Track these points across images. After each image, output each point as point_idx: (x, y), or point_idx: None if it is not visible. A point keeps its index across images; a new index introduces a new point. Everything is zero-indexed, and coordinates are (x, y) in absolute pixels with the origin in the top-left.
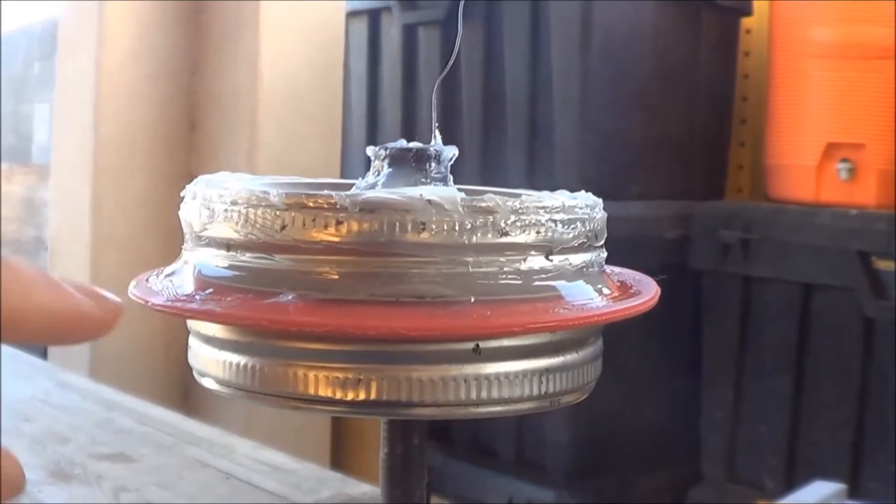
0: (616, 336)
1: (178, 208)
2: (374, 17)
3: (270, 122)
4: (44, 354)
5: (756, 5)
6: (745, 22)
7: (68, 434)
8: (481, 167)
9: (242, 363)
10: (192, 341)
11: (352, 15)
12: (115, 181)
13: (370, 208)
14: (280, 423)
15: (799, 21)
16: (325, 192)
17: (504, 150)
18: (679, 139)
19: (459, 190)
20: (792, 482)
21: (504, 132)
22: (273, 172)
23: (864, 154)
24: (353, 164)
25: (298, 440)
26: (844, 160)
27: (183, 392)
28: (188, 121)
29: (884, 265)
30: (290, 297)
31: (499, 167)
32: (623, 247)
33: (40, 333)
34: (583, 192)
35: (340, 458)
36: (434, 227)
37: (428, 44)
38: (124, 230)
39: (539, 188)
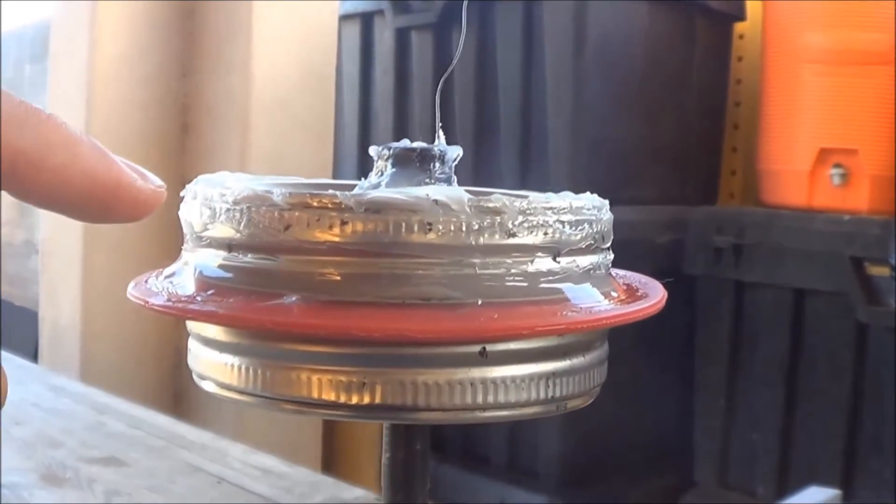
0: (609, 342)
1: (174, 209)
2: (366, 20)
3: (263, 125)
4: (35, 358)
5: (749, 10)
6: (739, 27)
7: (60, 438)
8: (474, 172)
9: (244, 366)
10: (192, 344)
11: (344, 18)
12: None
13: (376, 208)
14: (271, 427)
15: (792, 26)
16: (330, 191)
17: (497, 155)
18: (672, 144)
19: (465, 191)
20: (784, 488)
21: (497, 137)
22: (265, 175)
23: (857, 159)
24: (345, 168)
25: (289, 444)
26: (837, 165)
27: (174, 395)
28: (180, 124)
29: (877, 271)
30: (293, 299)
31: (492, 172)
32: (616, 252)
33: (81, 200)
34: (588, 193)
35: (331, 462)
36: (441, 227)
37: (420, 47)
38: (115, 232)
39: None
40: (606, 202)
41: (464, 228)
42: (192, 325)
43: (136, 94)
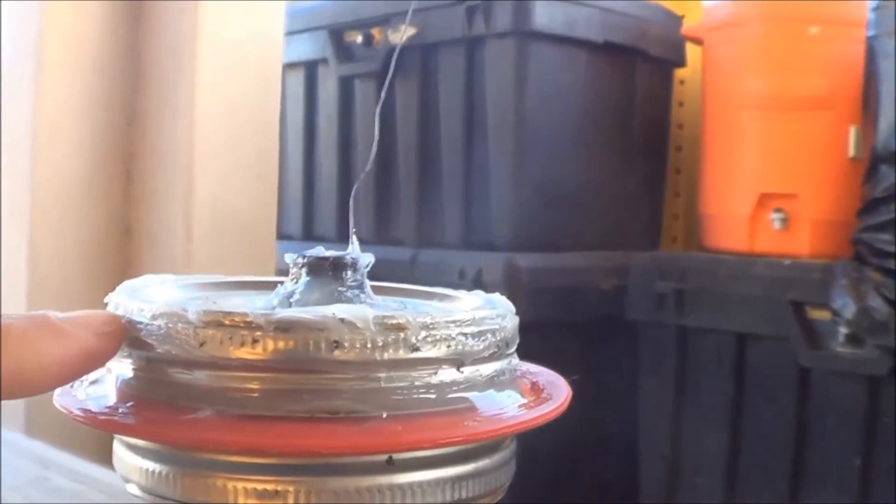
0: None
1: (113, 259)
2: (310, 68)
3: (207, 173)
4: None
5: (690, 56)
6: (679, 73)
7: (3, 494)
8: (418, 220)
9: (164, 472)
10: (116, 447)
11: (288, 67)
12: (51, 232)
13: (285, 327)
14: None
15: (730, 72)
16: (242, 310)
17: (440, 203)
18: (615, 189)
19: (375, 290)
20: None
21: (440, 185)
22: (209, 223)
23: (797, 204)
24: (290, 216)
25: None
26: (778, 210)
27: None
28: (125, 172)
29: (818, 314)
30: (208, 413)
31: (435, 220)
32: (560, 298)
33: (57, 383)
34: (497, 294)
35: None
36: (347, 344)
37: (364, 95)
38: (60, 280)
39: (475, 241)
40: (512, 308)
41: (369, 345)
42: None
43: (81, 142)
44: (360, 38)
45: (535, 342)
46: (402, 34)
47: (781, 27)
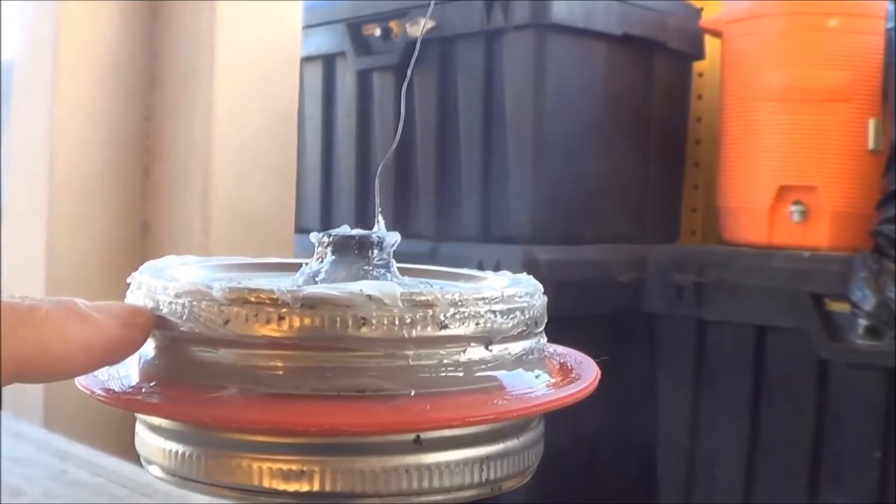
0: None
1: (131, 255)
2: (328, 62)
3: (225, 168)
4: None
5: (708, 49)
6: (698, 65)
7: (22, 487)
8: (437, 213)
9: (188, 453)
10: (139, 428)
11: (306, 60)
12: (69, 227)
13: (311, 304)
14: None
15: (749, 65)
16: (267, 286)
17: (459, 196)
18: (633, 183)
19: (401, 271)
20: None
21: (458, 178)
22: (227, 219)
23: (817, 196)
24: (307, 210)
25: None
26: (797, 203)
27: None
28: (142, 167)
29: (837, 307)
30: (233, 392)
31: (454, 213)
32: (578, 290)
33: (81, 369)
34: (524, 274)
35: None
36: (374, 321)
37: (382, 89)
38: (79, 276)
39: (494, 234)
40: (540, 287)
41: (397, 322)
42: None
43: (99, 137)
44: (378, 32)
45: (553, 334)
46: (422, 27)
47: (800, 20)
